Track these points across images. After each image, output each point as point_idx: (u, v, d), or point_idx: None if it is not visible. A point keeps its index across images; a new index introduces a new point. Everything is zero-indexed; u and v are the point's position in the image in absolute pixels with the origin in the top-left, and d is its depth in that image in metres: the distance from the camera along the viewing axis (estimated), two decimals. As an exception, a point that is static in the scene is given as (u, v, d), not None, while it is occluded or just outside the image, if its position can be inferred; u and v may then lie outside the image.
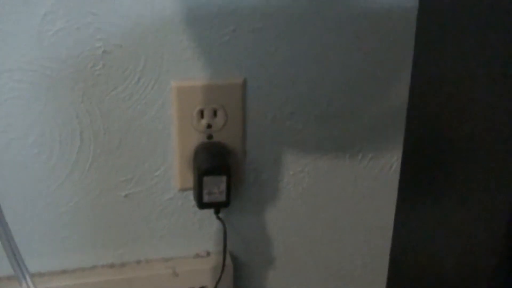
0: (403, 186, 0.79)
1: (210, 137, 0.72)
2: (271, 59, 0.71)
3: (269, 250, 0.83)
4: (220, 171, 0.70)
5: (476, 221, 0.62)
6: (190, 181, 0.74)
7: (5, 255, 0.73)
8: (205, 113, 0.71)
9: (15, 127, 0.68)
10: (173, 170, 0.74)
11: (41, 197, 0.72)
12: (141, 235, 0.77)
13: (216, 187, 0.70)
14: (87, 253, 0.77)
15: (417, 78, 0.73)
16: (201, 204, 0.71)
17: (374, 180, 0.81)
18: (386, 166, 0.80)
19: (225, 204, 0.72)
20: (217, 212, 0.75)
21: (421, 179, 0.74)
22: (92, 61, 0.66)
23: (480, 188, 0.61)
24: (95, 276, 0.77)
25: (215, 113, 0.71)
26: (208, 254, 0.80)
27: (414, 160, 0.76)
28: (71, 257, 0.77)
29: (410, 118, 0.76)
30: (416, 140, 0.75)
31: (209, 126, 0.72)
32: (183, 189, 0.75)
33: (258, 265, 0.84)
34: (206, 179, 0.70)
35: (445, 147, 0.68)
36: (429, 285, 0.74)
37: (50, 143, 0.69)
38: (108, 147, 0.71)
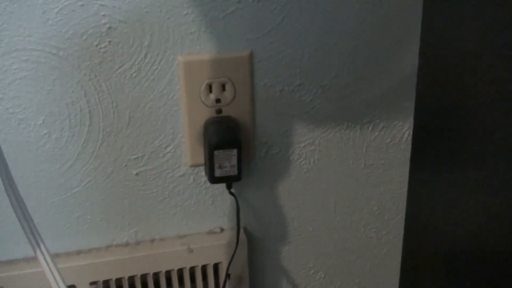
0: (416, 154, 0.79)
1: (219, 111, 0.72)
2: (278, 30, 0.70)
3: (283, 225, 0.83)
4: (231, 144, 0.69)
5: (491, 185, 0.62)
6: (200, 156, 0.74)
7: (19, 239, 0.74)
8: (213, 87, 0.70)
9: (24, 107, 0.68)
10: (184, 146, 0.74)
11: (54, 178, 0.72)
12: (154, 213, 0.77)
13: (227, 161, 0.70)
14: (102, 232, 0.77)
15: (426, 44, 0.72)
16: (213, 179, 0.71)
17: (386, 150, 0.80)
18: (398, 135, 0.80)
19: (237, 178, 0.72)
20: (229, 187, 0.75)
21: (434, 147, 0.73)
22: (98, 38, 0.66)
23: (494, 151, 0.60)
24: (110, 255, 0.77)
25: (223, 87, 0.71)
26: (222, 230, 0.80)
27: (426, 128, 0.75)
28: (86, 237, 0.77)
29: (420, 85, 0.75)
30: (427, 108, 0.75)
31: (218, 100, 0.71)
32: (194, 165, 0.75)
33: (272, 240, 0.84)
34: (217, 153, 0.69)
35: (457, 113, 0.67)
36: (446, 254, 0.74)
37: (60, 123, 0.69)
38: (117, 125, 0.71)
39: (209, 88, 0.71)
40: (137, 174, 0.74)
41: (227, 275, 0.80)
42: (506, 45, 0.55)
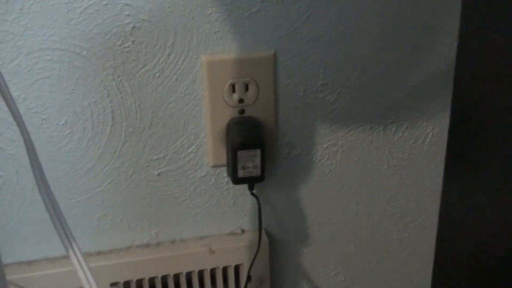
0: (450, 156, 0.77)
1: (242, 111, 0.71)
2: (301, 29, 0.69)
3: (304, 226, 0.82)
4: (255, 144, 0.69)
5: None
6: (222, 157, 0.73)
7: (39, 239, 0.74)
8: (237, 87, 0.70)
9: (47, 107, 0.67)
10: (206, 146, 0.73)
11: (75, 178, 0.72)
12: (175, 213, 0.77)
13: (251, 161, 0.69)
14: (122, 233, 0.77)
15: (463, 43, 0.71)
16: (236, 180, 0.70)
17: (409, 151, 0.79)
18: (421, 136, 0.79)
19: (260, 178, 0.71)
20: (251, 188, 0.74)
21: (468, 150, 0.72)
22: (122, 38, 0.66)
23: None
24: (131, 256, 0.77)
25: (246, 88, 0.70)
26: (243, 231, 0.80)
27: (461, 128, 0.74)
28: (107, 238, 0.76)
29: (458, 85, 0.73)
30: (463, 109, 0.73)
31: (240, 100, 0.71)
32: (216, 166, 0.74)
33: (294, 241, 0.83)
34: (240, 153, 0.69)
35: (493, 114, 0.66)
36: (477, 257, 0.73)
37: (82, 123, 0.69)
38: (140, 125, 0.70)
39: (232, 88, 0.70)
40: (158, 174, 0.74)
41: (248, 277, 0.79)
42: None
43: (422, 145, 0.80)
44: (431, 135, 0.79)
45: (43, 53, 0.65)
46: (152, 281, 0.78)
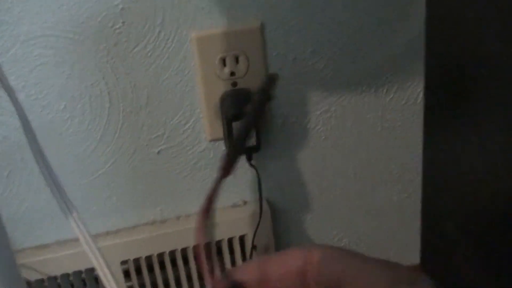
0: (428, 115, 0.79)
1: (234, 84, 0.73)
2: (287, 0, 0.71)
3: (304, 194, 0.84)
4: (248, 114, 0.70)
5: (500, 141, 0.62)
6: (219, 131, 0.75)
7: (49, 224, 0.76)
8: (227, 60, 0.72)
9: (46, 93, 0.70)
10: (202, 121, 0.75)
11: (79, 161, 0.74)
12: (178, 190, 0.79)
13: (246, 131, 0.71)
14: (128, 212, 0.79)
15: (432, 5, 0.72)
16: (233, 150, 0.72)
17: (401, 111, 0.81)
18: (412, 96, 0.80)
19: (257, 148, 0.73)
20: (249, 159, 0.76)
21: (445, 107, 0.74)
22: (112, 20, 0.68)
23: (505, 106, 0.61)
24: (138, 234, 0.79)
25: (237, 60, 0.72)
26: (245, 202, 0.82)
27: (436, 88, 0.76)
28: (113, 218, 0.79)
29: (429, 46, 0.75)
30: (437, 68, 0.75)
31: (232, 73, 0.73)
32: (213, 140, 0.76)
33: (295, 209, 0.85)
34: (235, 124, 0.71)
35: (468, 71, 0.67)
36: (464, 215, 0.74)
37: (81, 106, 0.71)
38: (137, 105, 0.73)
39: (223, 62, 0.72)
40: (158, 152, 0.76)
41: (253, 247, 0.81)
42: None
43: (414, 105, 0.81)
44: (422, 95, 0.81)
45: (38, 40, 0.67)
46: (161, 256, 0.80)
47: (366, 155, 0.83)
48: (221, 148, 0.77)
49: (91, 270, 0.78)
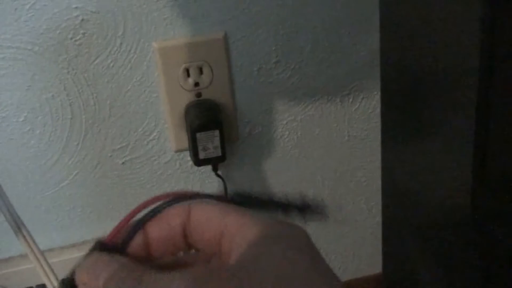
0: (385, 126, 0.79)
1: (199, 95, 0.73)
2: (250, 9, 0.71)
3: (272, 203, 0.84)
4: (212, 125, 0.70)
5: (448, 152, 0.63)
6: (184, 141, 0.75)
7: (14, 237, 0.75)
8: (191, 71, 0.71)
9: (5, 105, 0.68)
10: (167, 132, 0.75)
11: (41, 173, 0.73)
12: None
13: (210, 142, 0.71)
14: (94, 224, 0.78)
15: (385, 18, 0.73)
16: (198, 161, 0.72)
17: (368, 120, 0.81)
18: (378, 105, 0.80)
19: (222, 158, 0.72)
20: (215, 169, 0.76)
21: (401, 117, 0.74)
22: (72, 31, 0.67)
23: (448, 120, 0.61)
24: (104, 245, 0.78)
25: (201, 71, 0.72)
26: (212, 212, 0.81)
27: (392, 99, 0.76)
28: (79, 230, 0.78)
29: (383, 59, 0.75)
30: (392, 78, 0.75)
31: (196, 84, 0.72)
32: (179, 150, 0.76)
33: (263, 218, 0.84)
34: (199, 135, 0.70)
35: (421, 80, 0.67)
36: (424, 224, 0.75)
37: (42, 118, 0.70)
38: (99, 116, 0.72)
39: (187, 72, 0.71)
40: (123, 163, 0.75)
41: (221, 256, 0.81)
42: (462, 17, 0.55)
43: (379, 114, 0.81)
44: (388, 104, 0.81)
45: (-4, 52, 0.66)
46: (127, 268, 0.79)
47: (334, 164, 0.83)
48: (187, 158, 0.77)
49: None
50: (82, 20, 0.66)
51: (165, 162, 0.77)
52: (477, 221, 0.60)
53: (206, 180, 0.79)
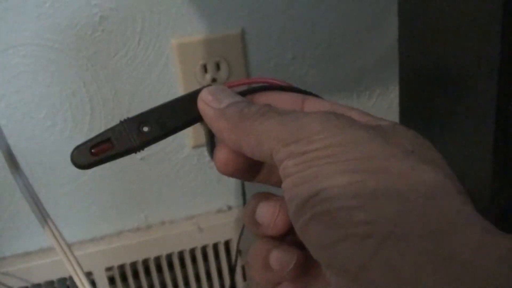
0: (404, 119, 0.79)
1: (216, 90, 0.73)
2: (267, 5, 0.71)
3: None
4: (229, 121, 0.70)
5: (467, 147, 0.62)
6: (202, 137, 0.75)
7: (33, 231, 0.76)
8: (208, 67, 0.72)
9: (26, 102, 0.70)
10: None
11: (61, 169, 0.74)
12: (162, 196, 0.79)
13: (227, 138, 0.71)
14: (113, 219, 0.79)
15: (403, 10, 0.73)
16: (215, 156, 0.72)
17: (385, 116, 0.81)
18: (395, 100, 0.80)
19: (239, 154, 0.73)
20: (232, 165, 0.76)
21: (421, 110, 0.73)
22: (91, 28, 0.68)
23: (468, 115, 0.61)
24: (123, 240, 0.79)
25: (218, 67, 0.72)
26: (230, 208, 0.82)
27: (411, 92, 0.76)
28: (98, 224, 0.79)
29: (402, 52, 0.75)
30: (410, 74, 0.75)
31: (213, 79, 0.73)
32: (196, 146, 0.76)
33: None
34: (217, 131, 0.71)
35: (439, 76, 0.67)
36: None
37: (62, 114, 0.71)
38: (118, 111, 0.73)
39: (205, 68, 0.72)
40: (142, 159, 0.76)
41: (238, 251, 0.81)
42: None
43: (397, 109, 0.81)
44: (405, 99, 0.81)
45: (17, 49, 0.67)
46: (146, 263, 0.80)
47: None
48: (205, 154, 0.77)
49: (76, 277, 0.78)
50: (101, 17, 0.67)
51: (183, 157, 0.77)
52: (497, 218, 0.60)
53: (224, 176, 0.79)
